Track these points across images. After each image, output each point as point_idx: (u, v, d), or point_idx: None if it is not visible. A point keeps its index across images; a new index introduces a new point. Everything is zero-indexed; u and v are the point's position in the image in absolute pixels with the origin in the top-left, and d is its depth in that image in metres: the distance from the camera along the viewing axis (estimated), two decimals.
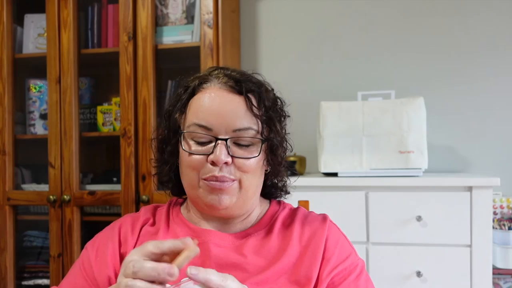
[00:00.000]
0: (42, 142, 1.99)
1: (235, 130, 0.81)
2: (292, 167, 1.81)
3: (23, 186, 2.09)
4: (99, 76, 2.19)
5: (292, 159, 1.87)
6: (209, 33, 1.84)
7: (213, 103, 0.82)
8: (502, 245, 1.70)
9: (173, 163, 0.89)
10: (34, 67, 2.10)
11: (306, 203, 1.19)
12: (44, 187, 2.02)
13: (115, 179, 2.01)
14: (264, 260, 0.82)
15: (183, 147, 0.83)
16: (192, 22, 1.93)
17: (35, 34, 2.07)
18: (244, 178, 0.82)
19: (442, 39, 2.04)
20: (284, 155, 0.89)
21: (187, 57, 1.97)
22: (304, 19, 2.18)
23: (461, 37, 2.02)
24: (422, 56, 2.05)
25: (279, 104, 0.89)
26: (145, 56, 1.87)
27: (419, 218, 1.55)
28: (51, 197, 1.93)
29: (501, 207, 1.89)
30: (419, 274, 1.55)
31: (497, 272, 1.81)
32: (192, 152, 0.82)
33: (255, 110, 0.82)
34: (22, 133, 2.09)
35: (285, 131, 0.90)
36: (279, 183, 0.94)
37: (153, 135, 0.93)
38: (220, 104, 0.82)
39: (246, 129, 0.81)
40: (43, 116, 2.07)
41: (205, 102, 0.83)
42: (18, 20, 2.09)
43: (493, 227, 1.71)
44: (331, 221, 0.90)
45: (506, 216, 1.88)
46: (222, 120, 0.81)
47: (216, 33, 1.85)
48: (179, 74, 0.95)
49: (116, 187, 1.95)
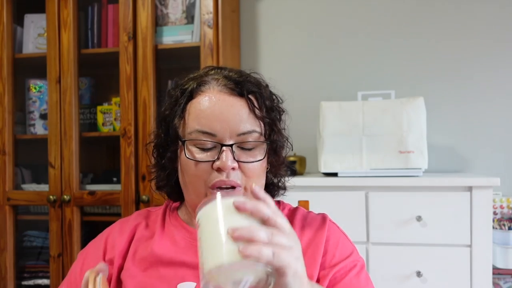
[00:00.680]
0: (42, 142, 1.99)
1: (239, 134, 0.80)
2: (291, 166, 1.81)
3: (23, 186, 2.09)
4: (99, 76, 2.19)
5: (292, 159, 1.87)
6: (209, 33, 1.84)
7: (215, 108, 0.80)
8: (502, 245, 1.70)
9: (171, 169, 0.87)
10: (34, 67, 2.10)
11: (306, 203, 1.19)
12: (44, 187, 2.02)
13: (115, 179, 2.01)
14: None
15: (186, 156, 0.80)
16: (192, 22, 1.93)
17: (35, 34, 2.07)
18: (249, 184, 0.81)
19: (442, 39, 2.04)
20: (285, 155, 0.89)
21: (187, 57, 1.97)
22: (304, 19, 2.18)
23: (461, 37, 2.02)
24: (422, 56, 2.05)
25: (276, 101, 0.88)
26: (145, 56, 1.87)
27: (419, 218, 1.55)
28: (51, 197, 1.93)
29: (501, 207, 1.89)
30: (419, 274, 1.55)
31: (497, 272, 1.81)
32: (197, 160, 0.80)
33: (257, 112, 0.81)
34: (22, 133, 2.09)
35: (284, 129, 0.89)
36: (279, 182, 0.93)
37: (149, 139, 0.90)
38: (223, 108, 0.79)
39: (250, 132, 0.80)
40: (43, 116, 2.06)
41: (206, 106, 0.80)
42: (18, 20, 2.09)
43: (493, 227, 1.71)
44: (330, 221, 0.90)
45: (506, 216, 1.88)
46: (226, 125, 0.79)
47: (216, 33, 1.85)
48: (179, 74, 0.94)
49: (116, 187, 1.95)
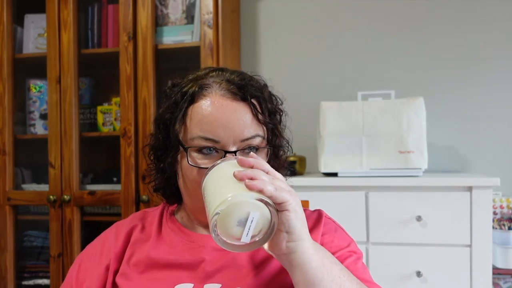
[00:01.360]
0: (42, 142, 1.99)
1: (243, 140, 0.79)
2: (291, 167, 1.81)
3: (23, 186, 2.09)
4: (99, 76, 2.19)
5: (292, 159, 1.87)
6: (209, 33, 1.84)
7: (219, 114, 0.78)
8: (502, 245, 1.70)
9: (171, 173, 0.85)
10: (34, 67, 2.10)
11: (306, 203, 1.19)
12: (44, 187, 2.02)
13: (115, 179, 2.01)
14: (260, 261, 0.81)
15: (189, 162, 0.79)
16: (192, 22, 1.93)
17: (35, 34, 2.07)
18: None
19: (442, 39, 2.04)
20: (286, 157, 0.89)
21: (187, 57, 1.97)
22: (304, 19, 2.18)
23: (461, 37, 2.02)
24: (422, 56, 2.05)
25: (276, 102, 0.87)
26: (145, 56, 1.87)
27: (419, 218, 1.55)
28: (51, 197, 1.93)
29: (501, 207, 1.89)
30: (419, 274, 1.55)
31: (497, 272, 1.81)
32: (200, 167, 0.78)
33: (260, 117, 0.80)
34: (22, 133, 2.09)
35: (284, 129, 0.88)
36: None
37: (148, 141, 0.89)
38: (226, 114, 0.78)
39: (253, 137, 0.79)
40: (43, 116, 2.06)
41: (208, 112, 0.78)
42: (18, 20, 2.09)
43: (493, 227, 1.71)
44: (326, 216, 0.90)
45: (506, 216, 1.88)
46: (230, 131, 0.77)
47: (216, 33, 1.85)
48: (179, 74, 0.93)
49: (116, 187, 1.95)
